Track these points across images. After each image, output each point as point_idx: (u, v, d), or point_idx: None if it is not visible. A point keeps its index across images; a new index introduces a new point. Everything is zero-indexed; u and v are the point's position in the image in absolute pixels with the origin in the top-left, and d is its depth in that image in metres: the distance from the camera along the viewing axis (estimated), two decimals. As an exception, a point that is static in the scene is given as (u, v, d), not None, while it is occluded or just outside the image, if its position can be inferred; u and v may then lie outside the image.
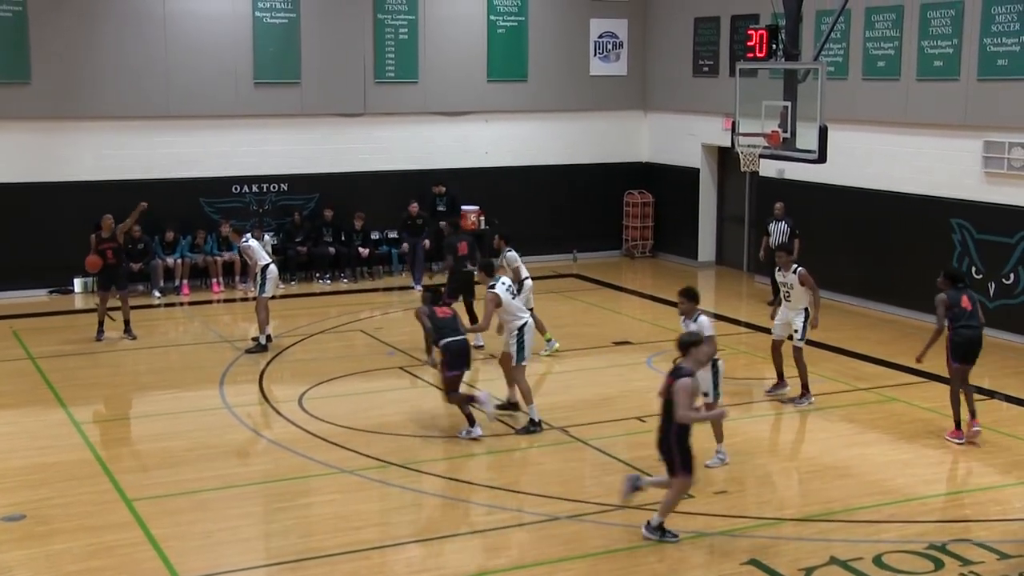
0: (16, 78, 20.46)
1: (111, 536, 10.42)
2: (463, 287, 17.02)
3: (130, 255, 19.62)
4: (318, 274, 22.45)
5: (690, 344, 10.34)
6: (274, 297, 17.69)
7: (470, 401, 13.22)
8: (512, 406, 13.81)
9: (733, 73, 17.09)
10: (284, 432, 13.50)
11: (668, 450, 10.14)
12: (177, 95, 21.50)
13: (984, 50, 17.74)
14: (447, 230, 19.23)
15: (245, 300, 20.21)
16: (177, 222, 21.46)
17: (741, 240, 23.74)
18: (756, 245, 21.31)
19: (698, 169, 24.26)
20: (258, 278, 17.07)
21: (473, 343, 16.66)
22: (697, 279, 23.53)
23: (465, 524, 10.86)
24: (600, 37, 24.92)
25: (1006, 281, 17.69)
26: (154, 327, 18.89)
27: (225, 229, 20.24)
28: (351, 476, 11.98)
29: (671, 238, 25.20)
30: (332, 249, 22.38)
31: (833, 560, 9.88)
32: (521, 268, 16.26)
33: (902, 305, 18.98)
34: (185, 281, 21.38)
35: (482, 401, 13.19)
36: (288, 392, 14.99)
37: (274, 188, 22.54)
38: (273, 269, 17.23)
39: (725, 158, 23.42)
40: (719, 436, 12.30)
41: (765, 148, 15.29)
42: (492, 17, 23.81)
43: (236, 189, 22.24)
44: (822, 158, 14.59)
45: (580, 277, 23.16)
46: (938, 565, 9.81)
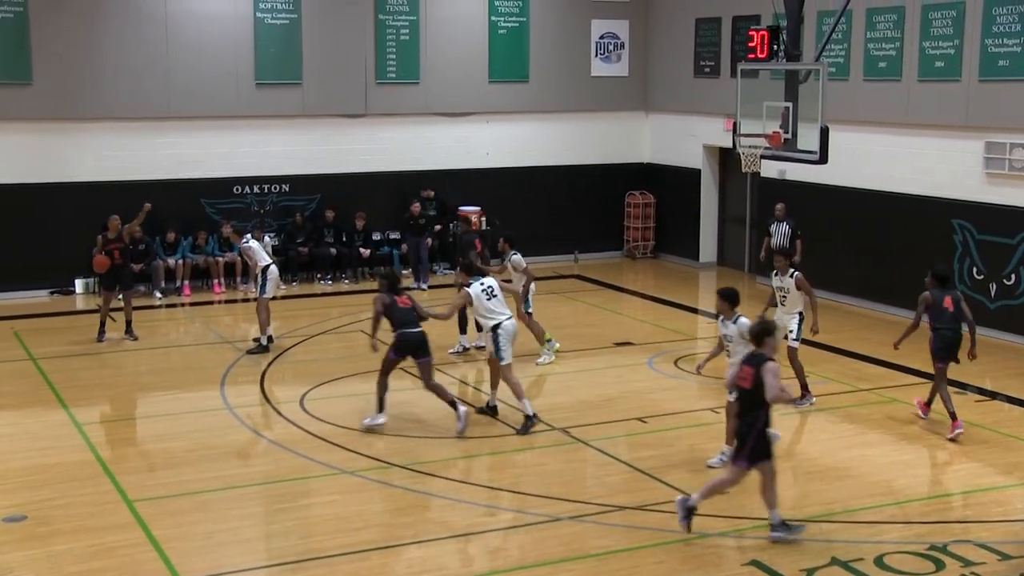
0: (17, 79, 20.47)
1: (112, 537, 10.42)
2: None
3: (131, 256, 19.60)
4: (319, 275, 22.45)
5: (764, 333, 10.30)
6: (275, 298, 17.69)
7: (383, 392, 13.42)
8: (492, 410, 13.89)
9: (734, 74, 17.11)
10: (285, 433, 13.51)
11: (743, 436, 10.11)
12: (178, 96, 21.50)
13: (985, 51, 17.74)
14: (461, 228, 19.31)
15: (246, 301, 20.21)
16: (178, 223, 21.46)
17: (742, 241, 23.74)
18: (757, 246, 21.30)
19: (699, 170, 24.25)
20: (259, 279, 17.08)
21: (474, 344, 16.75)
22: (698, 280, 23.56)
23: (466, 525, 10.84)
24: (601, 38, 24.91)
25: (1007, 282, 17.69)
26: (155, 328, 18.90)
27: (226, 230, 20.23)
28: (352, 477, 11.98)
29: (672, 239, 25.20)
30: (333, 250, 22.39)
31: (834, 561, 9.88)
32: (527, 272, 16.38)
33: (903, 306, 18.93)
34: (186, 282, 21.39)
35: (459, 417, 13.23)
36: (289, 393, 15.00)
37: (275, 189, 22.55)
38: (274, 270, 17.23)
39: (726, 159, 23.42)
40: (730, 437, 12.28)
41: (766, 149, 15.30)
42: (493, 18, 23.82)
43: (237, 190, 22.24)
44: (823, 159, 14.60)
45: (581, 278, 23.15)
46: (939, 566, 9.81)
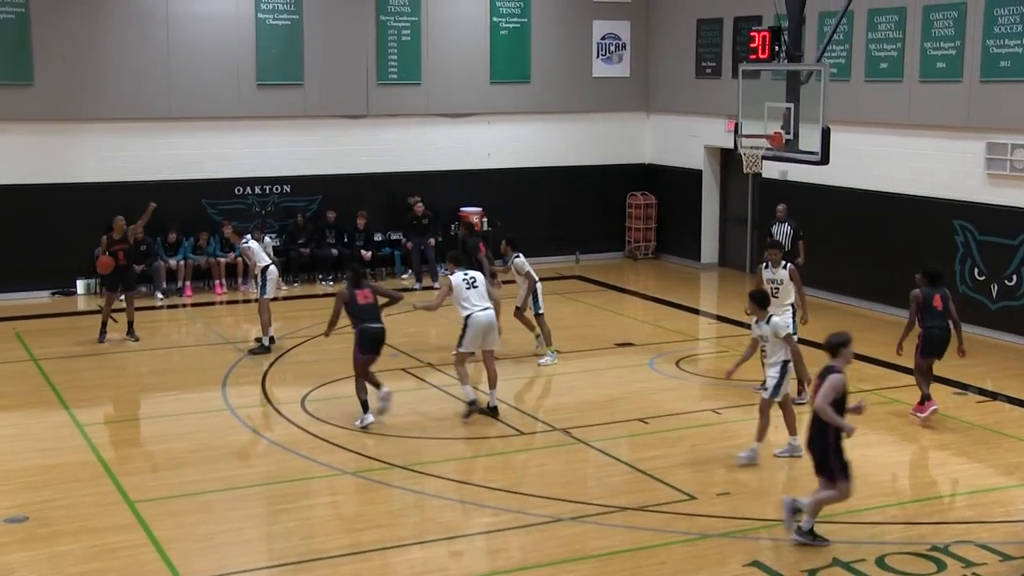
0: (18, 80, 20.47)
1: (114, 538, 10.42)
2: None
3: (134, 257, 19.59)
4: (321, 275, 22.44)
5: (840, 344, 10.21)
6: (276, 299, 17.69)
7: (368, 389, 13.60)
8: (492, 411, 13.93)
9: (736, 75, 17.10)
10: (286, 434, 13.51)
11: (824, 457, 10.03)
12: (180, 97, 21.50)
13: (987, 52, 17.73)
14: (462, 233, 19.30)
15: (247, 302, 20.20)
16: (180, 224, 21.46)
17: (744, 242, 23.74)
18: (759, 247, 21.28)
19: (701, 171, 24.25)
20: (258, 280, 17.10)
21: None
22: (699, 281, 23.57)
23: (467, 526, 10.85)
24: (603, 39, 24.91)
25: (1008, 283, 17.68)
26: (157, 329, 18.90)
27: (227, 231, 20.28)
28: (353, 478, 11.99)
29: (674, 239, 25.19)
30: (335, 250, 22.39)
31: (836, 562, 9.87)
32: (531, 272, 16.44)
33: (905, 307, 18.84)
34: (188, 283, 21.38)
35: (381, 396, 13.53)
36: (290, 394, 15.00)
37: (277, 190, 22.55)
38: (273, 270, 17.24)
39: (728, 160, 23.41)
40: (760, 435, 12.40)
41: (768, 150, 15.31)
42: (495, 19, 23.82)
43: (239, 191, 22.24)
44: (825, 160, 14.61)
45: (583, 279, 23.15)
46: (940, 567, 9.80)
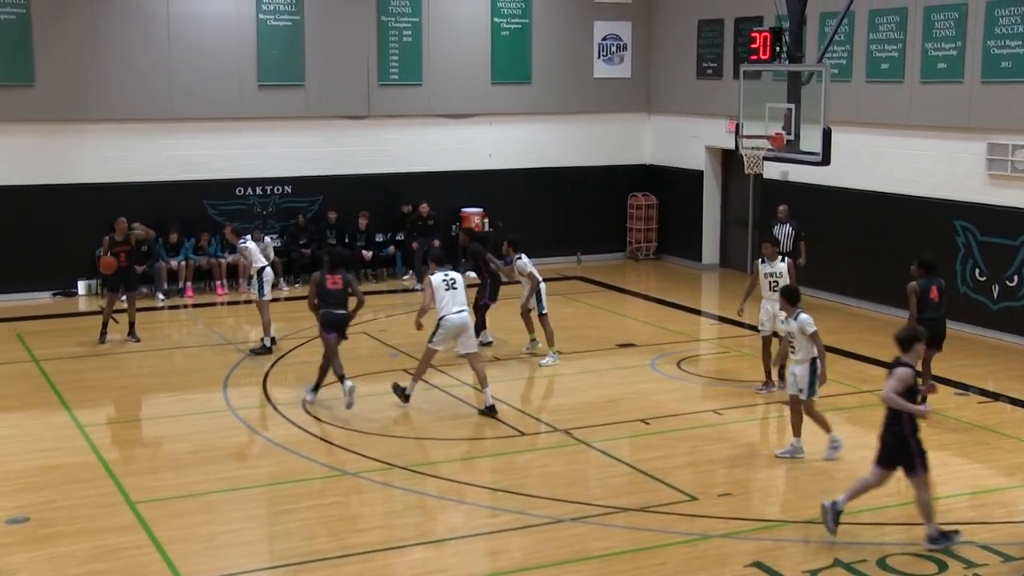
0: (20, 80, 20.47)
1: (115, 539, 10.42)
2: (495, 287, 17.12)
3: (135, 258, 19.58)
4: (322, 276, 22.43)
5: (913, 339, 10.25)
6: (276, 299, 17.66)
7: (325, 372, 14.28)
8: (490, 410, 13.97)
9: (737, 75, 17.11)
10: (287, 434, 13.50)
11: (904, 448, 10.04)
12: (181, 97, 21.50)
13: (988, 52, 17.73)
14: (463, 239, 19.29)
15: (248, 302, 20.16)
16: (181, 224, 21.46)
17: (745, 242, 23.72)
18: (760, 248, 21.23)
19: (702, 171, 24.25)
20: (255, 281, 17.16)
21: (481, 340, 16.74)
22: (701, 282, 23.57)
23: (469, 526, 10.84)
24: (604, 39, 24.91)
25: (1010, 283, 17.67)
26: (158, 329, 18.90)
27: (227, 231, 20.27)
28: (355, 478, 11.98)
29: (675, 240, 25.19)
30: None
31: (837, 563, 9.87)
32: (533, 273, 16.46)
33: (906, 307, 18.92)
34: (189, 283, 21.39)
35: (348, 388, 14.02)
36: (291, 394, 14.98)
37: (278, 190, 22.55)
38: (269, 272, 17.33)
39: (729, 160, 23.41)
40: (826, 428, 12.45)
41: (769, 150, 15.33)
42: (496, 19, 23.82)
43: (240, 191, 22.24)
44: (826, 160, 14.63)
45: (584, 279, 23.15)
46: (942, 568, 9.80)
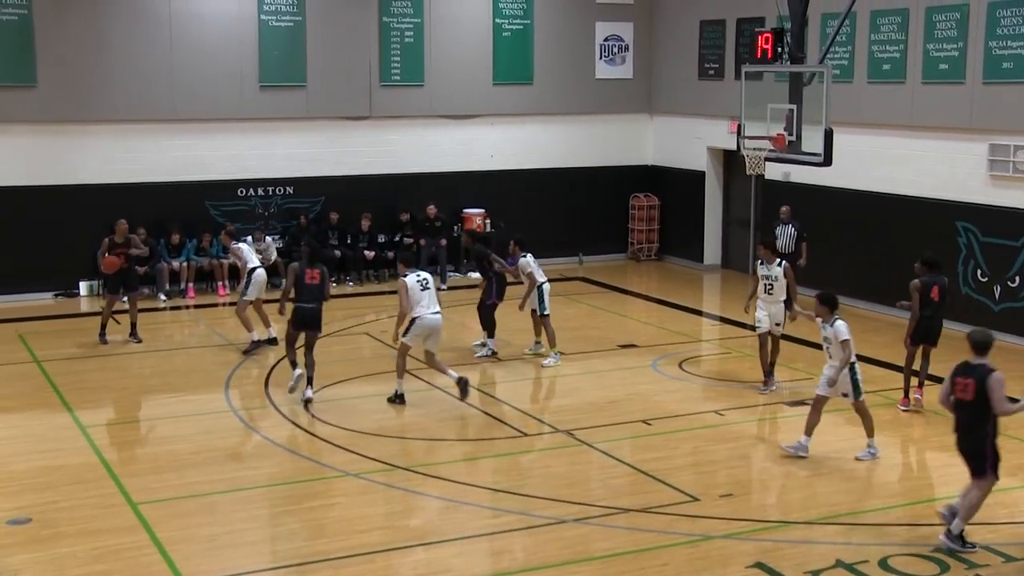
0: (21, 81, 20.47)
1: (116, 540, 10.42)
2: (502, 287, 17.12)
3: (135, 259, 19.59)
4: (323, 277, 22.43)
5: (991, 343, 10.23)
6: (268, 300, 17.57)
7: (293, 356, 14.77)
8: (463, 384, 14.46)
9: (739, 76, 17.09)
10: (289, 435, 13.51)
11: (979, 450, 10.07)
12: (182, 98, 21.50)
13: (989, 53, 17.72)
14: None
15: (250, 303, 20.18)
16: (182, 225, 21.46)
17: (747, 243, 23.70)
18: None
19: (704, 172, 24.25)
20: (243, 280, 17.27)
21: (486, 352, 16.74)
22: (702, 282, 23.57)
23: (471, 527, 10.84)
24: (606, 40, 24.91)
25: (1011, 284, 17.66)
26: (159, 330, 18.90)
27: (230, 229, 20.30)
28: (357, 479, 11.98)
29: (677, 241, 25.19)
30: (338, 252, 22.40)
31: (839, 563, 9.87)
32: (535, 273, 16.47)
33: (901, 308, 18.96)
34: (190, 284, 21.39)
35: (296, 375, 14.59)
36: (293, 395, 14.98)
37: (280, 191, 22.55)
38: (260, 273, 17.37)
39: (731, 161, 23.40)
40: (871, 430, 12.53)
41: (771, 151, 15.34)
42: (498, 20, 23.82)
43: (242, 192, 22.24)
44: (827, 161, 14.63)
45: (586, 280, 23.15)
46: (944, 568, 9.80)
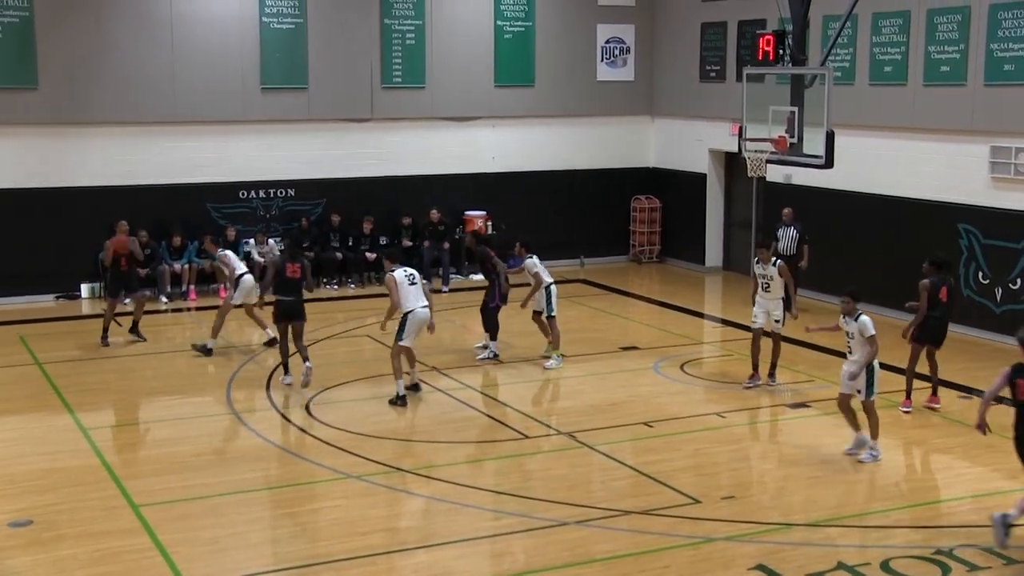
0: (23, 83, 20.49)
1: (118, 542, 10.42)
2: (504, 289, 17.11)
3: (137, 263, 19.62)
4: (325, 279, 22.44)
5: None
6: (262, 306, 17.51)
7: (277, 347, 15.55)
8: (415, 387, 14.82)
9: (740, 78, 17.10)
10: (291, 437, 13.52)
11: None
12: (184, 100, 21.51)
13: (991, 55, 17.72)
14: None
15: (252, 306, 20.17)
16: (184, 227, 21.46)
17: (748, 245, 23.65)
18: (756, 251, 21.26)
19: (705, 174, 24.25)
20: (231, 286, 17.48)
21: (488, 355, 16.74)
22: (704, 284, 23.57)
23: (472, 529, 10.84)
24: (607, 42, 24.91)
25: (1013, 286, 17.66)
26: (161, 332, 18.89)
27: (232, 233, 20.34)
28: (358, 481, 11.98)
29: (678, 243, 25.18)
30: (339, 254, 22.41)
31: (840, 565, 9.86)
32: (541, 274, 16.50)
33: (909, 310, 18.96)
34: (192, 286, 21.41)
35: (304, 371, 15.06)
36: (295, 397, 15.00)
37: (281, 193, 22.56)
38: (248, 279, 17.47)
39: (732, 163, 23.40)
40: (876, 432, 12.62)
41: (772, 153, 15.34)
42: (499, 22, 23.82)
43: (243, 194, 22.25)
44: (829, 163, 14.64)
45: (587, 282, 23.14)
46: (945, 570, 9.80)
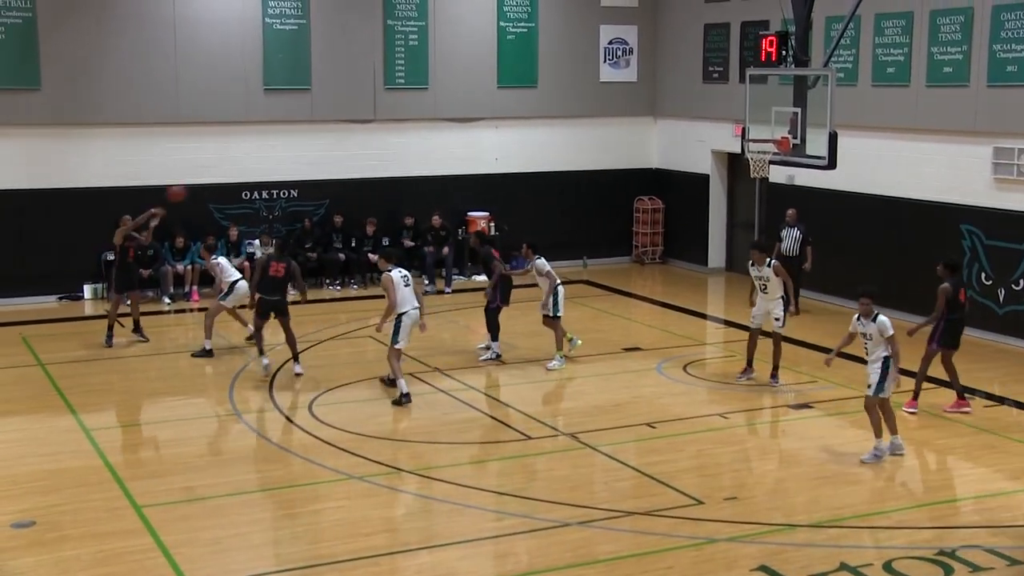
0: (25, 84, 20.50)
1: (120, 543, 10.43)
2: (507, 290, 17.13)
3: (140, 261, 19.65)
4: (328, 280, 22.45)
5: None
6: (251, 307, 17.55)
7: (260, 340, 16.12)
8: (391, 382, 15.02)
9: (743, 79, 17.12)
10: (294, 438, 13.53)
11: None
12: (187, 101, 21.53)
13: (993, 56, 17.72)
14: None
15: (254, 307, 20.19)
16: (187, 228, 21.47)
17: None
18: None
19: (708, 175, 24.24)
20: (223, 290, 17.53)
21: (490, 355, 16.74)
22: (707, 285, 23.56)
23: (475, 530, 10.85)
24: (610, 43, 24.91)
25: (1015, 287, 17.65)
26: (164, 333, 18.91)
27: (232, 234, 20.36)
28: (361, 482, 11.99)
29: (681, 244, 25.18)
30: (342, 255, 22.42)
31: (843, 566, 9.86)
32: (551, 272, 16.54)
33: (912, 311, 18.88)
34: (195, 287, 21.42)
35: (264, 364, 15.92)
36: (298, 398, 15.01)
37: (284, 194, 22.57)
38: (242, 285, 17.45)
39: (735, 164, 23.40)
40: (877, 431, 12.62)
41: (775, 154, 15.34)
42: (502, 23, 23.82)
43: (246, 195, 22.27)
44: (832, 164, 14.62)
45: (590, 283, 23.14)
46: (948, 571, 9.79)
